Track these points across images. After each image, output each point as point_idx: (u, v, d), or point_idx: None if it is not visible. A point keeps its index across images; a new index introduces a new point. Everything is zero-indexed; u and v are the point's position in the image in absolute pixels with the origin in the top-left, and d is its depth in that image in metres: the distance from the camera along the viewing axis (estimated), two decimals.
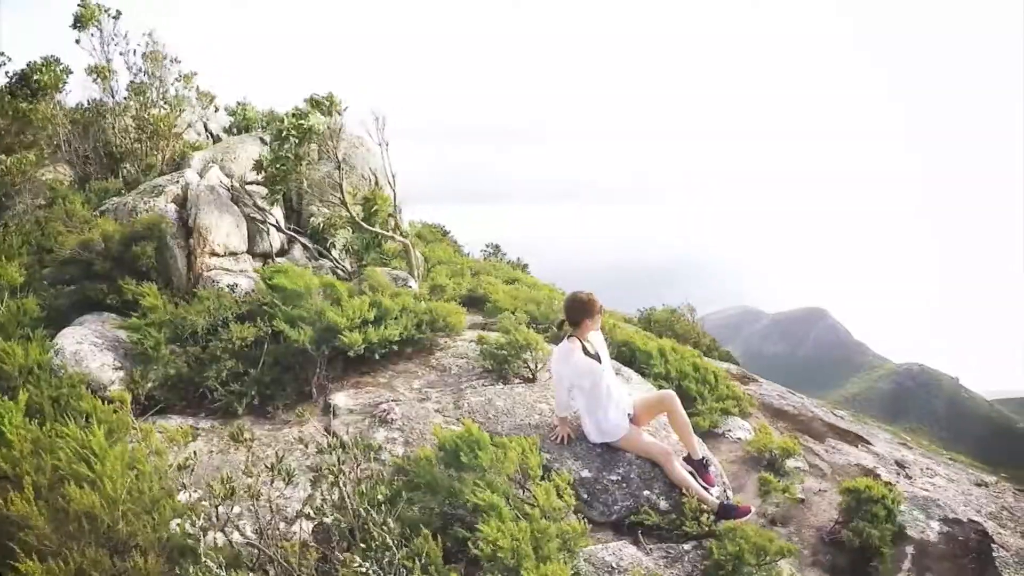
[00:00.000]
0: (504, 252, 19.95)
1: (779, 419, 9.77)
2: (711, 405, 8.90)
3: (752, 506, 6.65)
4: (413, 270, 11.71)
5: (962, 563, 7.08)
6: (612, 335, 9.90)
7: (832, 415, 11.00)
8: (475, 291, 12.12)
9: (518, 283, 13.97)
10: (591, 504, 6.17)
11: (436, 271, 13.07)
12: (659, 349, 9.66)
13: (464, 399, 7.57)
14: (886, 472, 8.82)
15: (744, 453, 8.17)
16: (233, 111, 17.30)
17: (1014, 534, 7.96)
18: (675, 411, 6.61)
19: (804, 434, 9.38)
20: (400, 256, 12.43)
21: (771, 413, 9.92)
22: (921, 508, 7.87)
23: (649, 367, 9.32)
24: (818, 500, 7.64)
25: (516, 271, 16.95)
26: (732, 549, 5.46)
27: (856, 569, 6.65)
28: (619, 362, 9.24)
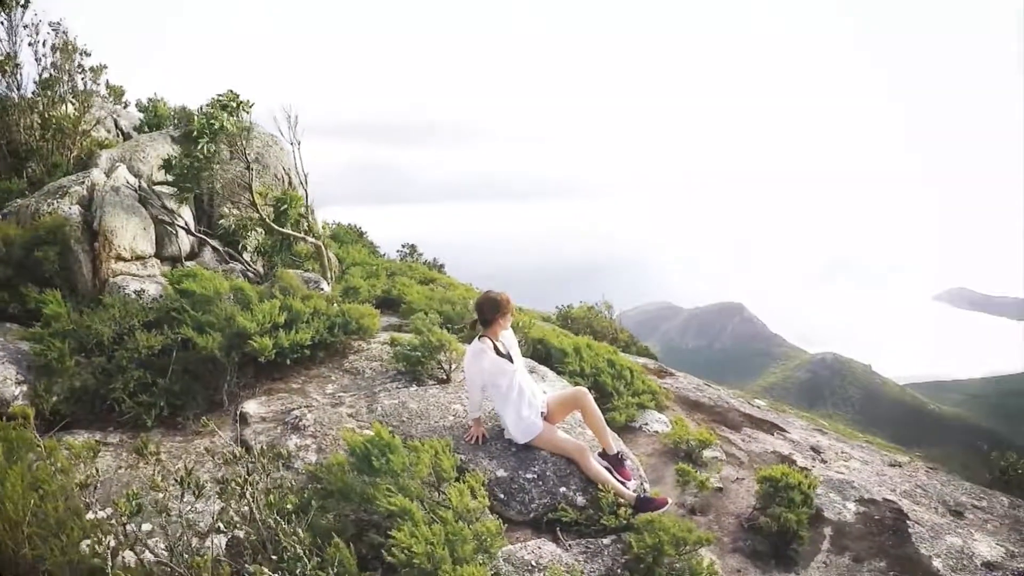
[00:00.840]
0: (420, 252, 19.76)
1: (696, 411, 9.85)
2: (627, 400, 8.91)
3: (671, 497, 6.66)
4: (326, 272, 11.48)
5: (879, 540, 7.25)
6: (527, 333, 9.85)
7: (748, 405, 11.15)
8: (390, 292, 11.95)
9: (434, 284, 13.85)
10: (508, 503, 6.11)
11: (351, 273, 12.84)
12: (574, 346, 9.64)
13: (378, 403, 7.43)
14: (802, 458, 9.00)
15: (662, 446, 8.21)
16: (144, 107, 16.64)
17: (928, 510, 8.29)
18: (588, 408, 6.59)
19: (721, 425, 9.49)
20: (313, 258, 12.17)
21: (688, 405, 10.00)
22: (837, 490, 8.06)
23: (564, 364, 9.28)
24: (736, 488, 7.73)
25: (432, 271, 16.79)
26: (651, 541, 5.44)
27: (776, 553, 6.73)
28: (534, 360, 9.20)
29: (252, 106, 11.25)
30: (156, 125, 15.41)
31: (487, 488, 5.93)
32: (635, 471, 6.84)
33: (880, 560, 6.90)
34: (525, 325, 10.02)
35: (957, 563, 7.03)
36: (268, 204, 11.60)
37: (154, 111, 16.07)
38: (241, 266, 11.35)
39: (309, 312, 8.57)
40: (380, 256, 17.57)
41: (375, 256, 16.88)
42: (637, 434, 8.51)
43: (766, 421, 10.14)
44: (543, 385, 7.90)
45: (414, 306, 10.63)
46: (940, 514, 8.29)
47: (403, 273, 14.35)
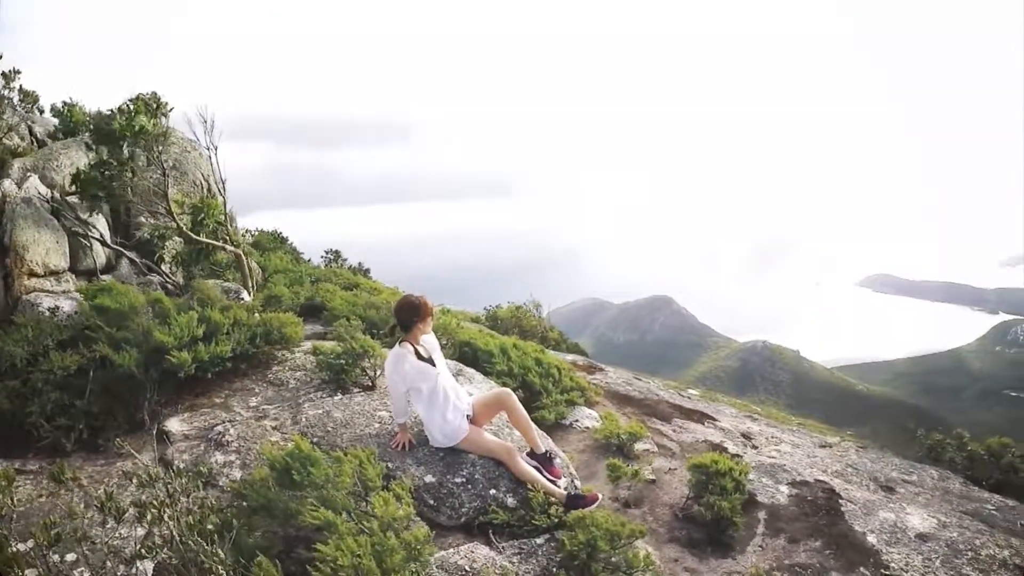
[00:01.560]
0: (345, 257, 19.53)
1: (627, 405, 9.88)
2: (556, 398, 8.90)
3: (603, 492, 6.66)
4: (247, 281, 11.21)
5: (813, 520, 7.36)
6: (454, 335, 9.77)
7: (679, 396, 11.23)
8: (314, 299, 11.71)
9: (358, 289, 13.64)
10: (438, 509, 6.00)
11: (273, 281, 12.60)
12: (501, 347, 9.60)
13: (302, 413, 7.24)
14: (733, 445, 9.10)
15: (593, 441, 8.22)
16: (59, 112, 16.02)
17: (860, 488, 8.45)
18: (513, 408, 6.54)
19: (652, 417, 9.54)
20: (234, 267, 11.87)
21: (618, 400, 10.03)
22: (769, 475, 8.18)
23: (491, 365, 9.22)
24: (669, 479, 7.77)
25: (357, 276, 16.57)
26: (584, 538, 5.40)
27: (712, 540, 6.78)
28: (461, 362, 9.11)
29: (171, 110, 10.93)
30: (71, 132, 14.80)
31: (415, 495, 5.83)
32: (565, 469, 6.78)
33: (815, 540, 7.00)
34: (451, 327, 9.94)
35: (891, 537, 7.19)
36: (186, 212, 11.28)
37: (70, 116, 15.43)
38: (159, 278, 11.04)
39: (229, 323, 8.31)
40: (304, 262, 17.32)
41: (298, 263, 16.62)
42: (568, 431, 8.51)
43: (696, 411, 10.23)
44: (470, 387, 7.81)
45: (337, 313, 10.42)
46: (872, 491, 8.46)
47: (327, 279, 14.11)
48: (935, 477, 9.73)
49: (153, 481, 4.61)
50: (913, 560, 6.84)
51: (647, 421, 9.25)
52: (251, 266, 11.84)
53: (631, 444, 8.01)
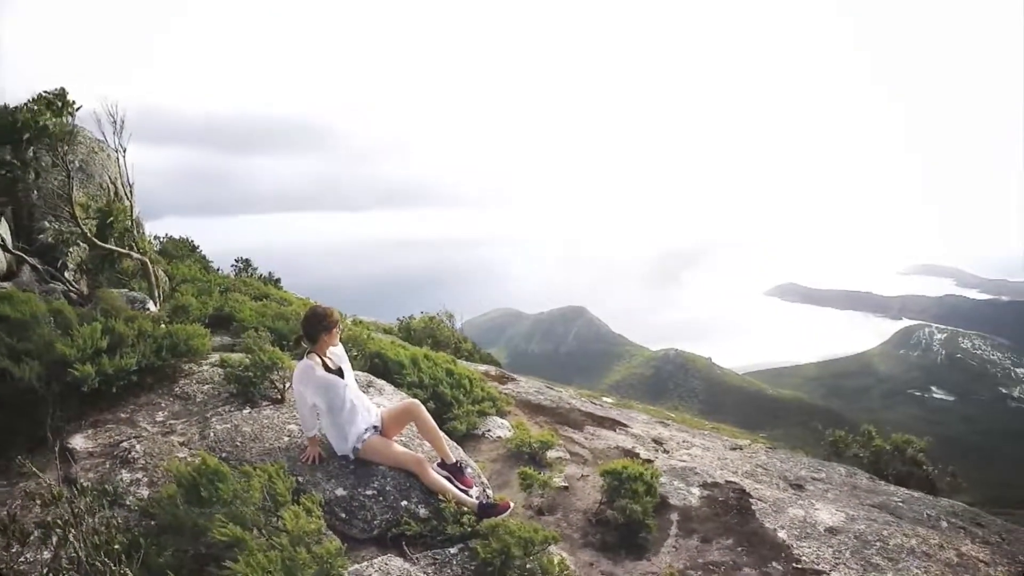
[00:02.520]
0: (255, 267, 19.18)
1: (539, 414, 9.94)
2: (467, 408, 8.90)
3: (517, 500, 6.68)
4: (153, 290, 10.89)
5: (725, 520, 7.54)
6: (364, 347, 9.69)
7: (591, 404, 11.33)
8: (222, 310, 11.43)
9: (267, 299, 13.41)
10: (350, 522, 5.93)
11: (181, 290, 12.25)
12: (412, 358, 9.56)
13: (210, 428, 7.04)
14: (645, 450, 9.24)
15: (505, 450, 8.25)
16: None
17: (770, 487, 8.72)
18: (422, 419, 6.54)
19: (564, 425, 9.62)
20: (140, 275, 11.51)
21: (530, 409, 10.08)
22: (681, 478, 8.35)
23: (403, 377, 9.18)
24: (582, 485, 7.83)
25: (268, 286, 16.29)
26: (497, 546, 5.43)
27: (626, 542, 6.87)
28: (372, 374, 9.03)
29: (79, 108, 10.57)
30: None
31: (327, 508, 5.78)
32: (476, 478, 6.79)
33: (727, 538, 7.17)
34: (361, 338, 9.85)
35: (801, 532, 7.43)
36: (91, 217, 10.93)
37: None
38: (62, 286, 10.63)
39: (134, 335, 8.04)
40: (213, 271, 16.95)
41: (207, 272, 16.24)
42: (480, 441, 8.52)
43: (608, 418, 10.35)
44: (381, 399, 7.77)
45: (246, 324, 10.21)
46: (782, 489, 8.71)
47: (237, 289, 13.85)
48: (843, 473, 10.04)
49: (57, 501, 4.47)
50: (823, 553, 7.07)
51: (559, 429, 9.33)
52: (158, 275, 11.53)
53: (543, 452, 8.06)
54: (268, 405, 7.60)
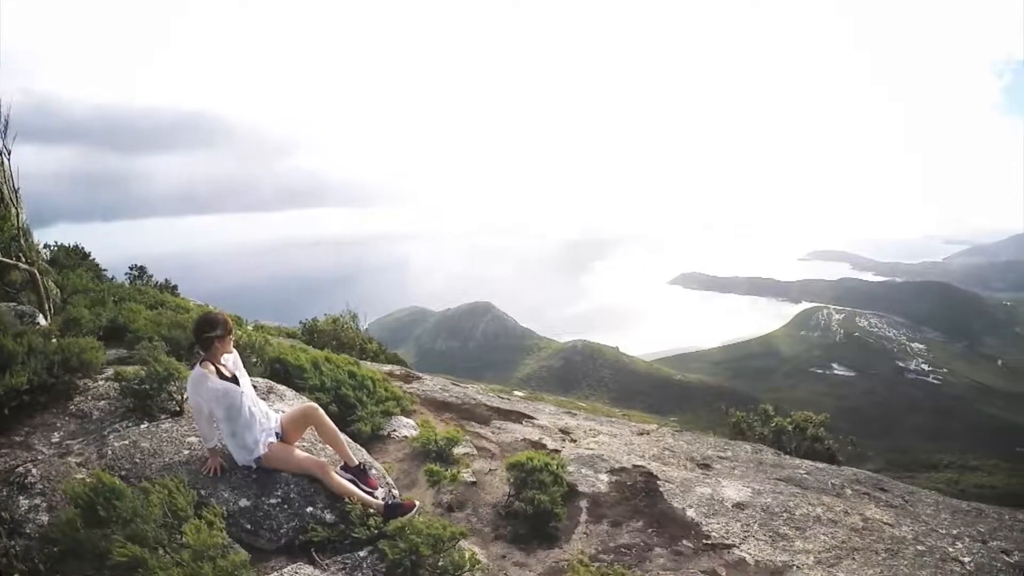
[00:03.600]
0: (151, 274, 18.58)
1: (445, 411, 9.94)
2: (371, 409, 8.79)
3: (426, 498, 6.68)
4: (43, 303, 10.44)
5: (634, 503, 7.68)
6: (264, 352, 9.52)
7: (498, 398, 11.37)
8: (116, 321, 11.02)
9: (163, 307, 13.00)
10: (256, 533, 5.82)
11: (73, 302, 11.76)
12: (312, 361, 9.41)
13: (108, 446, 6.79)
14: (552, 441, 9.34)
15: (411, 450, 8.20)
16: None
17: (677, 468, 8.93)
18: (321, 422, 6.47)
19: (470, 420, 9.64)
20: (29, 288, 11.04)
21: (436, 406, 10.07)
22: (589, 465, 8.46)
23: (304, 380, 9.01)
24: (490, 479, 7.86)
25: (164, 294, 15.82)
26: (406, 545, 5.40)
27: (537, 532, 6.91)
28: (273, 380, 8.85)
29: None
30: None
31: (232, 520, 5.67)
32: (381, 479, 6.76)
33: (637, 520, 7.31)
34: (260, 344, 9.67)
35: (709, 509, 7.64)
36: None
37: None
38: None
39: (24, 351, 7.69)
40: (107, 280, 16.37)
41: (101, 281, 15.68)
42: (386, 442, 8.45)
43: (514, 412, 10.41)
44: (282, 405, 7.64)
45: (141, 334, 9.87)
46: (689, 470, 8.93)
47: (132, 298, 13.38)
48: (749, 451, 10.30)
49: None
50: (732, 527, 7.30)
51: (466, 425, 9.35)
52: (48, 286, 11.06)
53: (450, 449, 8.04)
54: (167, 418, 7.37)
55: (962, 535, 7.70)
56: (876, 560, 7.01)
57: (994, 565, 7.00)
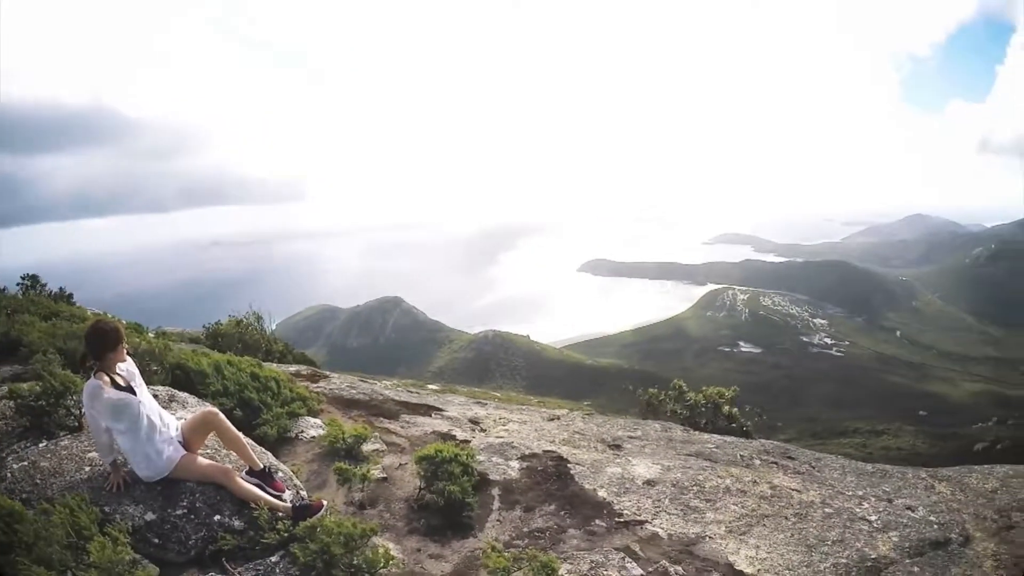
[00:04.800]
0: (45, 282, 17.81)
1: (353, 408, 9.86)
2: (277, 411, 8.63)
3: (337, 497, 6.64)
4: None
5: (546, 487, 7.78)
6: (164, 358, 9.26)
7: (407, 392, 11.35)
8: (9, 334, 10.60)
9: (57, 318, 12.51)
10: (165, 546, 5.68)
11: None
12: (214, 365, 9.18)
13: (7, 469, 6.51)
14: (461, 432, 9.38)
15: (320, 449, 8.11)
16: None
17: (588, 451, 9.07)
18: (221, 427, 6.33)
19: (379, 416, 9.61)
20: None
21: (344, 404, 9.99)
22: (499, 453, 8.55)
23: (206, 386, 8.78)
24: (401, 474, 7.85)
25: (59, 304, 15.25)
26: (316, 546, 5.35)
27: (451, 523, 6.95)
28: (174, 387, 8.61)
29: None
30: None
31: (139, 535, 5.54)
32: (288, 481, 6.65)
33: (549, 504, 7.41)
34: (160, 350, 9.41)
35: (620, 488, 7.80)
36: None
37: None
38: None
39: None
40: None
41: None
42: (294, 444, 8.33)
43: (423, 405, 10.42)
44: (184, 413, 7.44)
45: (35, 348, 9.52)
46: (600, 451, 9.08)
47: (25, 310, 12.88)
48: (658, 429, 10.51)
49: None
50: (644, 504, 7.47)
51: (374, 421, 9.31)
52: None
53: (358, 446, 7.97)
54: (66, 435, 7.11)
55: (868, 496, 8.01)
56: (786, 525, 7.25)
57: (900, 521, 7.33)
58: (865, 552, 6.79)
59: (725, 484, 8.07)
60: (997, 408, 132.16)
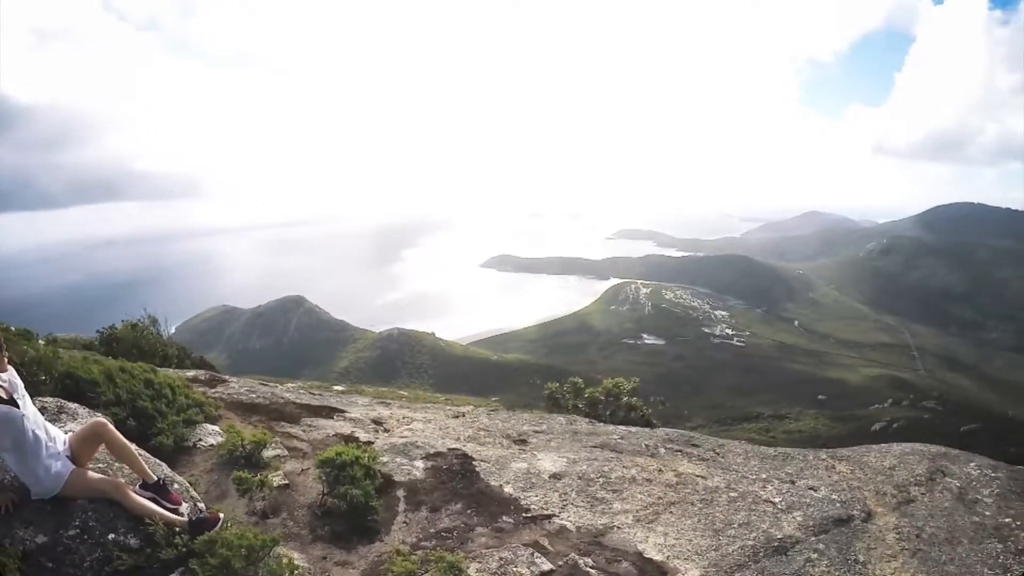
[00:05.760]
0: None
1: (252, 413, 9.55)
2: (172, 419, 8.26)
3: (238, 508, 6.44)
4: None
5: (451, 486, 7.76)
6: (52, 367, 8.83)
7: (307, 395, 11.15)
8: None
9: None
10: (59, 570, 5.34)
11: None
12: (105, 373, 8.74)
13: None
14: (364, 433, 9.26)
15: (219, 458, 7.77)
16: None
17: (493, 447, 9.10)
18: (111, 439, 5.93)
19: (280, 421, 9.35)
20: None
21: (243, 409, 9.67)
22: (403, 454, 8.49)
23: (97, 395, 8.36)
24: (303, 480, 7.65)
25: None
26: (217, 561, 5.18)
27: (356, 528, 6.83)
28: (63, 398, 8.14)
29: None
30: None
31: (30, 560, 5.25)
32: (185, 493, 6.32)
33: (456, 503, 7.39)
34: (48, 358, 8.97)
35: (527, 483, 7.86)
36: None
37: None
38: None
39: None
40: None
41: None
42: (192, 453, 7.98)
43: (325, 407, 10.25)
44: (74, 425, 7.07)
45: None
46: (505, 447, 9.09)
47: None
48: (563, 423, 10.57)
49: None
50: (551, 498, 7.50)
51: (275, 426, 9.05)
52: None
53: (258, 453, 7.72)
54: None
55: (771, 478, 8.22)
56: (692, 511, 7.39)
57: (803, 501, 7.58)
58: (771, 533, 6.98)
59: (631, 474, 8.16)
60: (893, 390, 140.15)
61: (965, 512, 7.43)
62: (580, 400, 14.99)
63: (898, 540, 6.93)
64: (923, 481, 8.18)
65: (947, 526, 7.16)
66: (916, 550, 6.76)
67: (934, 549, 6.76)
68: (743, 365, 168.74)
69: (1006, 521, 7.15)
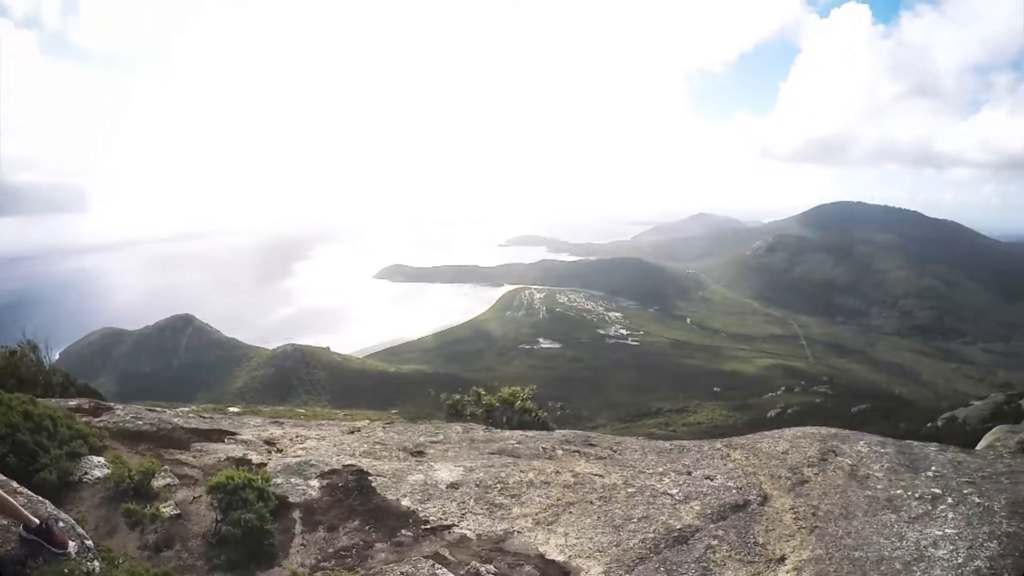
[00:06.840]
0: None
1: (140, 441, 9.19)
2: (55, 453, 7.84)
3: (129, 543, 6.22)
4: None
5: (348, 503, 7.68)
6: None
7: (197, 418, 10.87)
8: None
9: None
10: None
11: None
12: None
13: None
14: (257, 455, 9.07)
15: (107, 492, 7.39)
16: None
17: (389, 460, 9.07)
18: None
19: (168, 448, 9.05)
20: None
21: (130, 438, 9.29)
22: (297, 473, 8.36)
23: None
24: (196, 508, 7.42)
25: None
26: None
27: (253, 555, 6.66)
28: None
29: None
30: None
31: None
32: (72, 531, 5.91)
33: (353, 520, 7.32)
34: None
35: (424, 495, 7.86)
36: None
37: None
38: None
39: None
40: None
41: None
42: (79, 488, 7.55)
43: (215, 430, 10.02)
44: None
45: None
46: (402, 460, 9.07)
47: None
48: (460, 431, 10.60)
49: None
50: (449, 508, 7.54)
51: (164, 453, 8.75)
52: None
53: (147, 483, 7.43)
54: None
55: (668, 471, 8.41)
56: (591, 510, 7.50)
57: (700, 491, 7.80)
58: (671, 524, 7.14)
59: (528, 478, 8.22)
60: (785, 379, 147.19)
61: (858, 488, 7.74)
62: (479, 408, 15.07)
63: (795, 520, 7.15)
64: (816, 462, 8.49)
65: (841, 502, 7.43)
66: (813, 527, 6.99)
67: (830, 525, 7.00)
68: (639, 363, 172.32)
69: (898, 492, 7.46)
